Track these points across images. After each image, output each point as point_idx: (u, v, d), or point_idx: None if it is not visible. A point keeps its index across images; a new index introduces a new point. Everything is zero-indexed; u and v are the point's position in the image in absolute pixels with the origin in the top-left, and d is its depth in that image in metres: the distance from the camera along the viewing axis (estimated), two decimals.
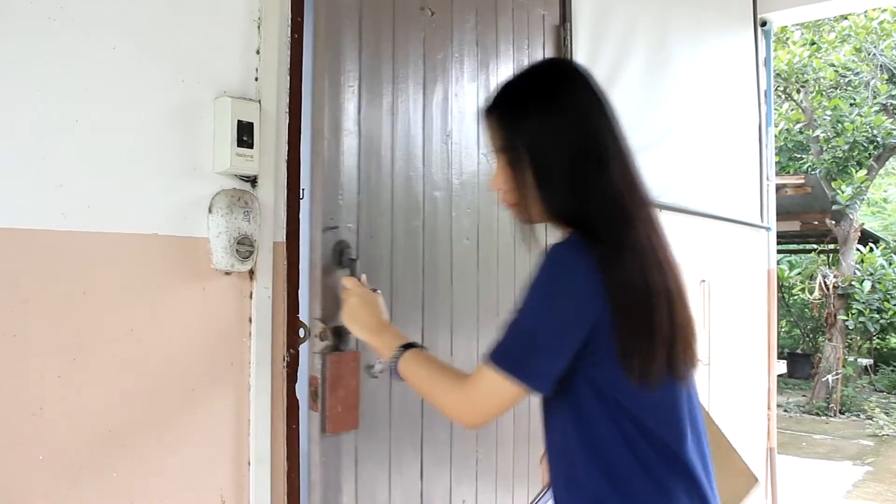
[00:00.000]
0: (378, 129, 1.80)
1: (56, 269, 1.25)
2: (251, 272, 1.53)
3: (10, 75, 1.20)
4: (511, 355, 1.18)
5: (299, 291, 1.63)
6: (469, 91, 2.11)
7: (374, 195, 1.78)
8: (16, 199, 1.20)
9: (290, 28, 1.62)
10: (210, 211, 1.46)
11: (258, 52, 1.57)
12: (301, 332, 1.62)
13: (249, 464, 1.52)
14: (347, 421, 1.66)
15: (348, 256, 1.68)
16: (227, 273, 1.49)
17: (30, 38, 1.23)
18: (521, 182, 1.23)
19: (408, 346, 1.38)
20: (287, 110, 1.61)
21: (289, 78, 1.62)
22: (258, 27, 1.57)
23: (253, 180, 1.54)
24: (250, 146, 1.50)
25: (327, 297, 1.65)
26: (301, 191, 1.64)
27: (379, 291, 1.56)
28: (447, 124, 2.02)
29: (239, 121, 1.48)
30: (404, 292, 1.86)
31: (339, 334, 1.65)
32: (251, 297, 1.54)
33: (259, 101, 1.54)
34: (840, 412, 9.24)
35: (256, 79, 1.56)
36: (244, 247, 1.48)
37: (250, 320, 1.53)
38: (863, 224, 9.96)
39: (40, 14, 1.24)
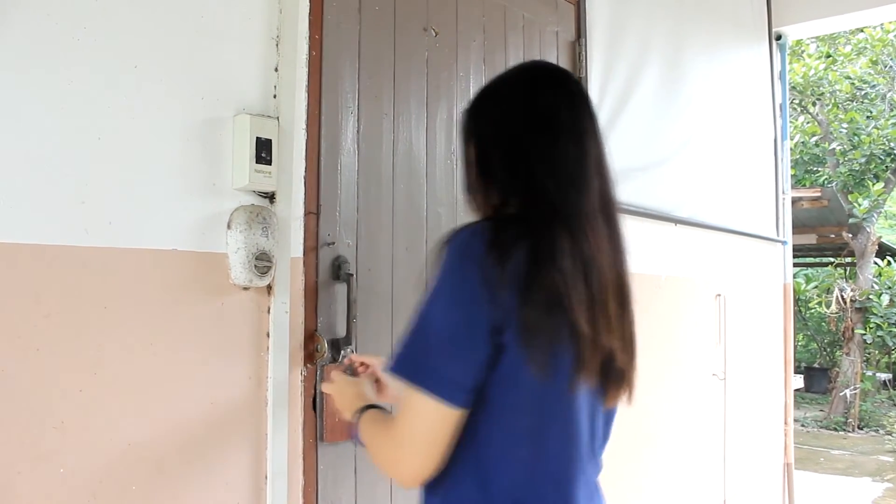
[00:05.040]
0: (378, 147, 1.83)
1: (78, 284, 1.27)
2: (269, 287, 1.55)
3: (35, 93, 1.23)
4: (421, 362, 1.03)
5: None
6: None
7: (373, 212, 1.80)
8: (39, 215, 1.23)
9: (307, 46, 1.64)
10: (229, 227, 1.48)
11: (276, 70, 1.59)
12: (318, 347, 1.63)
13: (267, 478, 1.53)
14: (345, 430, 1.67)
15: (345, 271, 1.70)
16: (246, 288, 1.51)
17: (55, 58, 1.25)
18: (468, 172, 1.17)
19: (369, 408, 1.23)
20: (305, 127, 1.63)
21: (307, 95, 1.64)
22: (276, 45, 1.60)
23: (271, 196, 1.56)
24: (269, 162, 1.52)
25: (324, 310, 1.67)
26: (318, 207, 1.65)
27: (361, 374, 1.43)
28: (452, 141, 2.04)
29: (258, 137, 1.50)
30: (406, 306, 1.87)
31: (337, 346, 1.67)
32: (269, 312, 1.55)
33: (277, 118, 1.56)
34: (858, 427, 9.13)
35: (275, 96, 1.59)
36: (262, 262, 1.49)
37: (268, 335, 1.55)
38: (880, 237, 9.86)
39: (65, 34, 1.26)
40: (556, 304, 1.01)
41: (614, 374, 1.12)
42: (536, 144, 1.10)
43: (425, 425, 1.02)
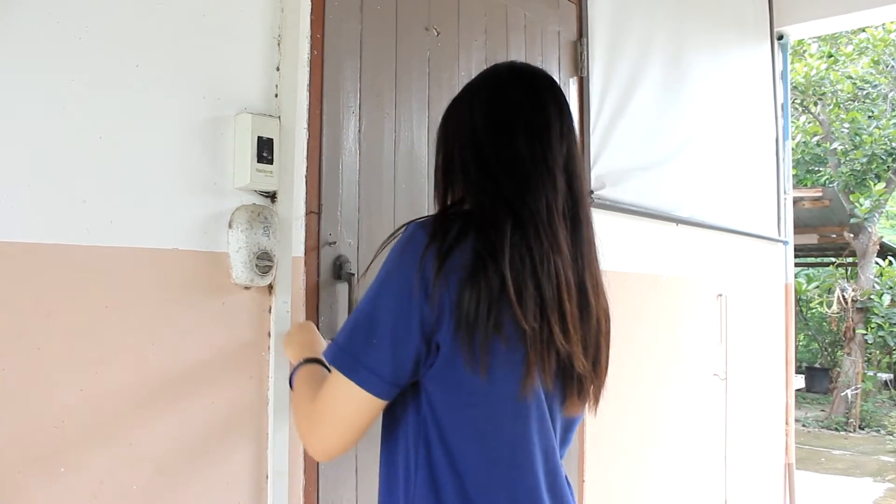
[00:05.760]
0: (379, 147, 1.82)
1: (79, 283, 1.27)
2: (270, 287, 1.55)
3: (37, 93, 1.23)
4: (342, 346, 1.04)
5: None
6: None
7: (374, 211, 1.80)
8: (41, 214, 1.22)
9: (309, 45, 1.64)
10: (230, 226, 1.48)
11: (278, 69, 1.59)
12: None
13: (268, 477, 1.52)
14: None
15: (347, 271, 1.70)
16: (247, 288, 1.51)
17: (56, 58, 1.25)
18: (435, 174, 1.19)
19: (313, 361, 1.26)
20: (306, 126, 1.63)
21: (308, 94, 1.63)
22: (278, 44, 1.59)
23: (272, 196, 1.56)
24: (270, 162, 1.51)
25: (326, 309, 1.67)
26: (319, 206, 1.65)
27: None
28: None
29: (259, 137, 1.50)
30: None
31: None
32: (270, 311, 1.55)
33: (279, 118, 1.56)
34: (860, 427, 9.13)
35: (276, 95, 1.58)
36: (263, 262, 1.49)
37: (269, 334, 1.54)
38: (882, 237, 9.85)
39: (66, 34, 1.26)
40: (496, 301, 0.99)
41: (574, 381, 1.09)
42: (493, 143, 1.10)
43: (343, 407, 1.04)
